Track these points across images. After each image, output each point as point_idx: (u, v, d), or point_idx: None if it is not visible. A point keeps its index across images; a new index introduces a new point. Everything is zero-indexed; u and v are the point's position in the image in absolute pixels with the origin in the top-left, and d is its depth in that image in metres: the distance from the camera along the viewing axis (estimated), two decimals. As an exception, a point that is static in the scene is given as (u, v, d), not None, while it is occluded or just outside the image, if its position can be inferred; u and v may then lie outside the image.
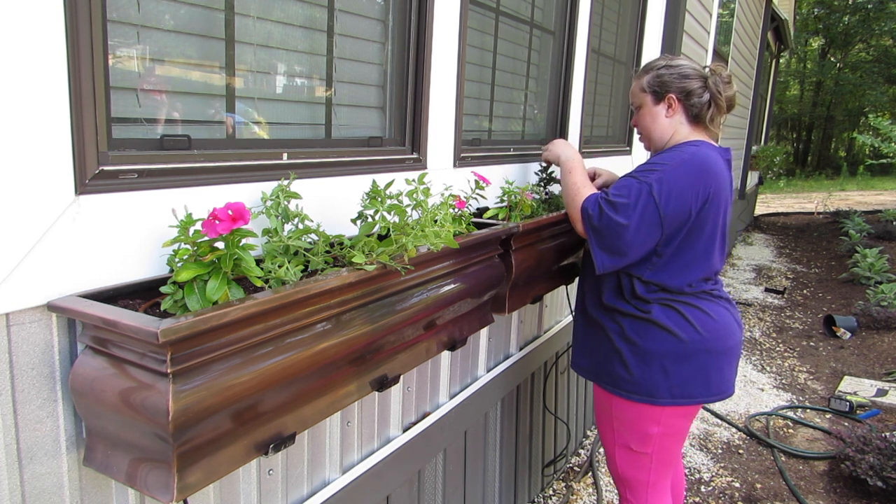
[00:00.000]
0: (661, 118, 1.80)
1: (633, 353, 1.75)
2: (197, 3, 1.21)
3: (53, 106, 0.94)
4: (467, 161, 2.00)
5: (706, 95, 1.76)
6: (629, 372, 1.76)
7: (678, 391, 1.73)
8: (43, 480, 1.00)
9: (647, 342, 1.74)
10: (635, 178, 1.68)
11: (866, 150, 11.78)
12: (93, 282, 1.02)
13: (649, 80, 1.80)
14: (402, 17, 1.69)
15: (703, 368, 1.74)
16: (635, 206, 1.63)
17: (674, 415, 1.78)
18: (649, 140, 1.87)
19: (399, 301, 1.38)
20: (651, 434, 1.80)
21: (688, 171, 1.66)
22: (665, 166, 1.67)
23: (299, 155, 1.40)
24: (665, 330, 1.72)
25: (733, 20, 7.04)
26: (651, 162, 1.74)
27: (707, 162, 1.69)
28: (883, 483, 2.80)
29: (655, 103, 1.80)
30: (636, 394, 1.76)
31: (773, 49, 12.54)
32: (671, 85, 1.77)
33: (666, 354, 1.72)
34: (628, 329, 1.76)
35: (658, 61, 1.82)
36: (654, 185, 1.63)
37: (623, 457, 1.87)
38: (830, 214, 11.38)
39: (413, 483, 1.87)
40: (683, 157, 1.68)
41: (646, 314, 1.74)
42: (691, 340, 1.72)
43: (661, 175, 1.65)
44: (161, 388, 0.90)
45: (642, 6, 3.57)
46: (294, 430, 1.19)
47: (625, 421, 1.82)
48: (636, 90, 1.85)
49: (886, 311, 5.25)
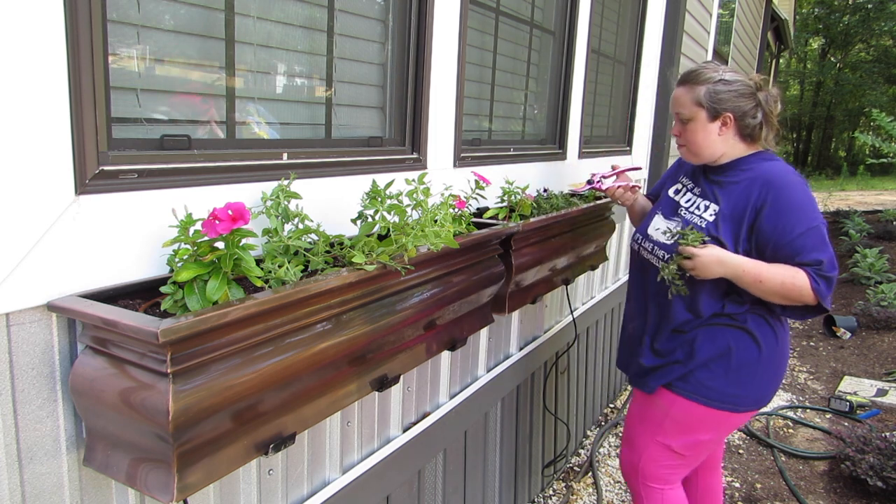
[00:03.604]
0: (713, 135, 1.74)
1: (725, 362, 1.75)
2: (197, 3, 1.21)
3: (53, 106, 0.94)
4: (467, 161, 2.00)
5: (759, 115, 1.72)
6: (717, 379, 1.75)
7: (756, 399, 1.78)
8: (43, 480, 1.00)
9: (740, 352, 1.74)
10: (810, 230, 1.62)
11: (866, 150, 11.78)
12: (93, 282, 1.02)
13: (706, 94, 1.71)
14: (402, 17, 1.69)
15: (777, 376, 1.80)
16: (831, 246, 1.65)
17: (736, 423, 1.82)
18: (698, 155, 1.79)
19: (399, 301, 1.38)
20: (702, 440, 1.82)
21: (808, 187, 1.70)
22: (805, 199, 1.66)
23: (299, 155, 1.40)
24: (754, 340, 1.74)
25: (733, 20, 7.04)
26: (789, 204, 1.65)
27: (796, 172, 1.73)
28: (883, 483, 2.80)
29: (711, 120, 1.72)
30: (717, 401, 1.76)
31: (773, 49, 12.54)
32: (727, 103, 1.70)
33: (753, 364, 1.75)
34: (721, 337, 1.76)
35: (709, 72, 1.73)
36: (822, 218, 1.65)
37: (655, 455, 1.87)
38: (830, 214, 11.37)
39: (413, 483, 1.87)
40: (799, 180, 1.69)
41: (742, 323, 1.74)
42: (772, 350, 1.75)
43: (813, 203, 1.66)
44: (161, 388, 0.90)
45: (642, 6, 3.57)
46: (294, 430, 1.19)
47: (682, 424, 1.82)
48: (686, 101, 1.75)
49: (886, 311, 5.25)
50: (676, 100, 1.79)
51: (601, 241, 2.65)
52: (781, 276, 1.63)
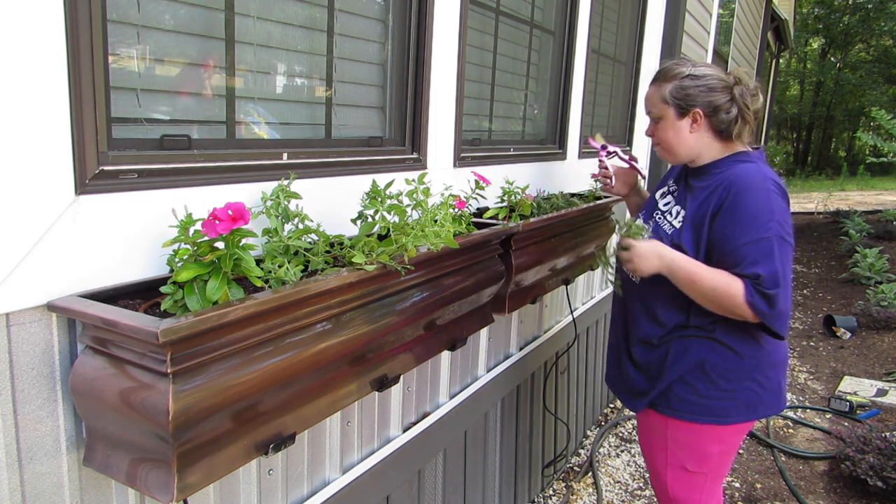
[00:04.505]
0: (684, 133, 1.68)
1: (698, 373, 1.68)
2: (197, 3, 1.21)
3: (53, 106, 0.94)
4: (467, 161, 2.00)
5: (734, 111, 1.64)
6: (696, 393, 1.69)
7: (747, 407, 1.69)
8: (43, 480, 1.00)
9: (712, 360, 1.67)
10: (758, 241, 1.53)
11: (867, 150, 11.74)
12: (93, 282, 1.02)
13: (672, 91, 1.66)
14: (402, 17, 1.69)
15: (770, 380, 1.70)
16: (782, 263, 1.53)
17: (736, 431, 1.74)
18: (673, 155, 1.73)
19: (399, 301, 1.38)
20: (711, 454, 1.75)
21: (777, 195, 1.58)
22: (767, 208, 1.55)
23: (299, 155, 1.40)
24: (725, 347, 1.67)
25: (733, 20, 7.05)
26: (744, 212, 1.56)
27: (774, 177, 1.62)
28: (883, 483, 2.80)
29: (679, 117, 1.67)
30: (702, 415, 1.70)
31: (773, 49, 12.54)
32: (696, 99, 1.64)
33: (731, 371, 1.67)
34: (692, 349, 1.69)
35: (680, 68, 1.67)
36: (779, 230, 1.54)
37: (677, 478, 1.81)
38: (830, 214, 11.37)
39: (413, 483, 1.87)
40: (766, 186, 1.58)
41: (710, 333, 1.67)
42: (754, 355, 1.67)
43: (771, 214, 1.55)
44: (161, 388, 0.90)
45: (642, 6, 3.57)
46: (294, 430, 1.19)
47: (683, 443, 1.76)
48: (655, 99, 1.71)
49: (886, 311, 5.24)
50: (647, 99, 1.75)
51: (601, 241, 2.65)
52: (715, 281, 1.56)
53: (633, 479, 3.08)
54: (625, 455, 3.31)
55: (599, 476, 3.06)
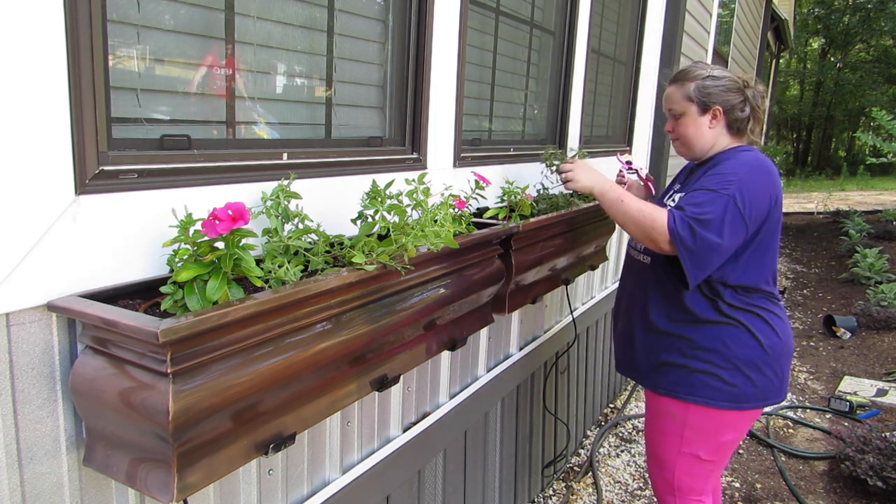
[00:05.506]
0: (704, 128, 1.82)
1: (722, 360, 1.76)
2: (197, 3, 1.21)
3: (53, 106, 0.94)
4: (467, 161, 2.00)
5: (747, 109, 1.80)
6: (720, 379, 1.76)
7: (762, 395, 1.79)
8: (43, 480, 1.00)
9: (736, 348, 1.76)
10: (713, 190, 1.66)
11: (866, 150, 11.74)
12: (93, 282, 1.02)
13: (696, 89, 1.80)
14: (402, 17, 1.69)
15: (782, 370, 1.82)
16: (723, 220, 1.62)
17: (750, 419, 1.83)
18: (690, 148, 1.87)
19: (399, 301, 1.38)
20: (725, 441, 1.84)
21: (760, 175, 1.70)
22: (737, 174, 1.67)
23: (299, 155, 1.40)
24: (752, 335, 1.76)
25: (733, 20, 7.05)
26: (718, 173, 1.71)
27: (768, 164, 1.74)
28: (883, 483, 2.80)
29: (701, 114, 1.81)
30: (722, 401, 1.77)
31: (773, 49, 12.55)
32: (717, 97, 1.79)
33: (752, 360, 1.76)
34: (716, 336, 1.77)
35: (698, 70, 1.83)
36: (736, 195, 1.64)
37: (686, 466, 1.87)
38: (830, 214, 11.37)
39: (413, 483, 1.87)
40: (750, 162, 1.72)
41: (733, 320, 1.76)
42: (773, 345, 1.77)
43: (740, 184, 1.65)
44: (161, 388, 0.90)
45: (642, 6, 3.57)
46: (294, 430, 1.19)
47: (701, 430, 1.83)
48: (678, 97, 1.84)
49: (886, 311, 5.24)
50: (668, 97, 1.89)
51: (601, 241, 2.65)
52: (643, 204, 1.71)
53: (633, 479, 3.08)
54: (625, 455, 3.31)
55: (599, 476, 3.06)
